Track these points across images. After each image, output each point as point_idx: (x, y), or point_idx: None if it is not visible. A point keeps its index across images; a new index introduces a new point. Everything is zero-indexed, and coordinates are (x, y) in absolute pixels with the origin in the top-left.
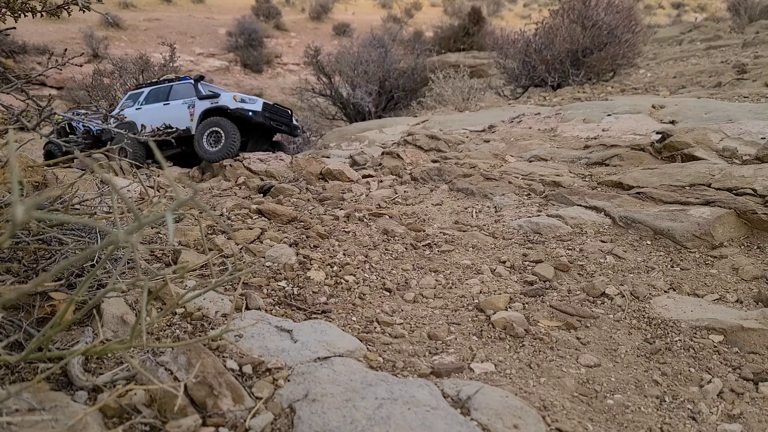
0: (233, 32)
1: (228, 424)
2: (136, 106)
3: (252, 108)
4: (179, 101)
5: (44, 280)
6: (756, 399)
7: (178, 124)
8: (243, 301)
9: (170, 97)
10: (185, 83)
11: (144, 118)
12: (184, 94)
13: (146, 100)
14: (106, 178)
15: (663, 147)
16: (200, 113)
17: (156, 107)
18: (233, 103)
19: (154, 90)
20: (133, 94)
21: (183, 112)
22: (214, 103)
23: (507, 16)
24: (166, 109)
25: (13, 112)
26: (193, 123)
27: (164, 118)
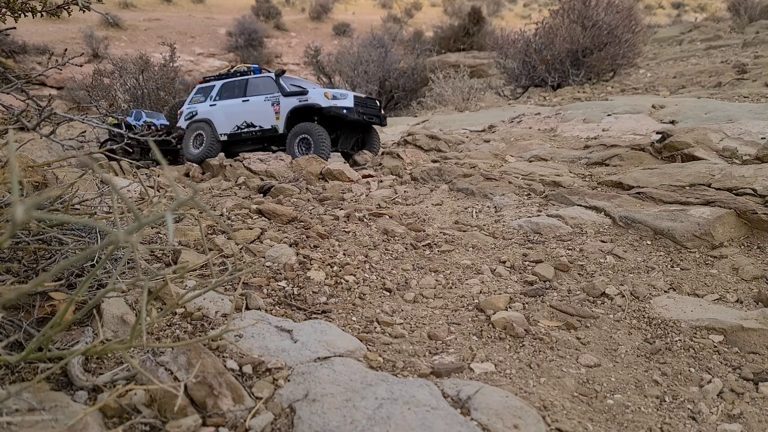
0: (233, 32)
1: (228, 424)
2: (210, 102)
3: (345, 105)
4: (260, 97)
5: (44, 280)
6: (756, 399)
7: (262, 123)
8: (243, 301)
9: (248, 92)
10: (264, 77)
11: (221, 115)
12: (265, 90)
13: (220, 95)
14: (106, 178)
15: (663, 147)
16: (289, 112)
17: (233, 103)
18: (325, 101)
19: (227, 84)
20: (203, 88)
21: (267, 110)
22: (303, 101)
23: (507, 16)
24: (247, 106)
25: (13, 112)
26: (280, 122)
27: (245, 116)
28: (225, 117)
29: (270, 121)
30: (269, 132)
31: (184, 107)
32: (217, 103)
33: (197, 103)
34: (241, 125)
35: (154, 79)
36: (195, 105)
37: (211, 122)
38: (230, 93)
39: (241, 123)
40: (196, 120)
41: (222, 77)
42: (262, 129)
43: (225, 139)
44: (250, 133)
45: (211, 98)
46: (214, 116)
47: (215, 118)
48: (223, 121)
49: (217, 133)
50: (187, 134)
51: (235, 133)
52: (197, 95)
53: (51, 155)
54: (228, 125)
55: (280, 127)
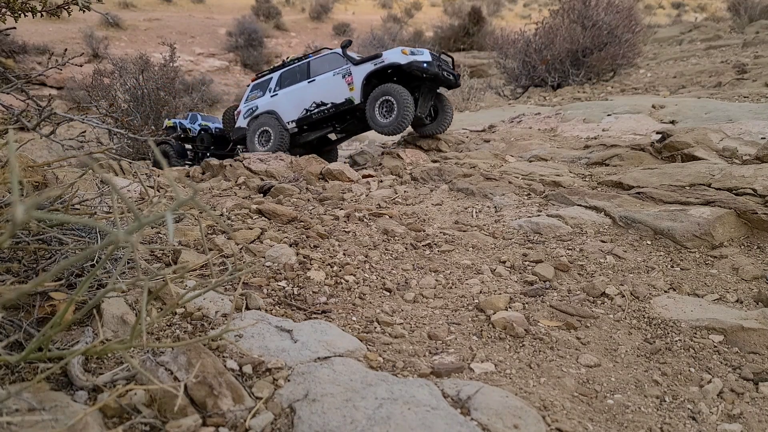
0: (233, 32)
1: (228, 424)
2: (270, 94)
3: (424, 59)
4: (328, 74)
5: (44, 280)
6: (756, 399)
7: (334, 98)
8: (243, 301)
9: (312, 74)
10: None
11: (285, 103)
12: (331, 66)
13: (280, 84)
14: (106, 178)
15: (663, 147)
16: (364, 79)
17: (298, 87)
18: (404, 58)
19: (286, 72)
20: (259, 84)
21: (338, 84)
22: (379, 63)
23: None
24: (314, 86)
25: (13, 112)
26: (355, 92)
27: (313, 96)
28: (290, 103)
29: (343, 94)
30: (344, 106)
31: (240, 106)
32: (279, 92)
33: (255, 99)
34: (309, 107)
35: (154, 79)
36: (253, 101)
37: (275, 113)
38: (292, 79)
39: (310, 105)
40: (258, 115)
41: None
42: (334, 104)
43: (293, 126)
44: (321, 113)
45: (270, 90)
46: (278, 105)
47: (280, 108)
48: (288, 108)
49: (284, 122)
50: (250, 133)
51: (305, 117)
52: (253, 92)
53: (51, 155)
54: (295, 111)
55: (356, 98)
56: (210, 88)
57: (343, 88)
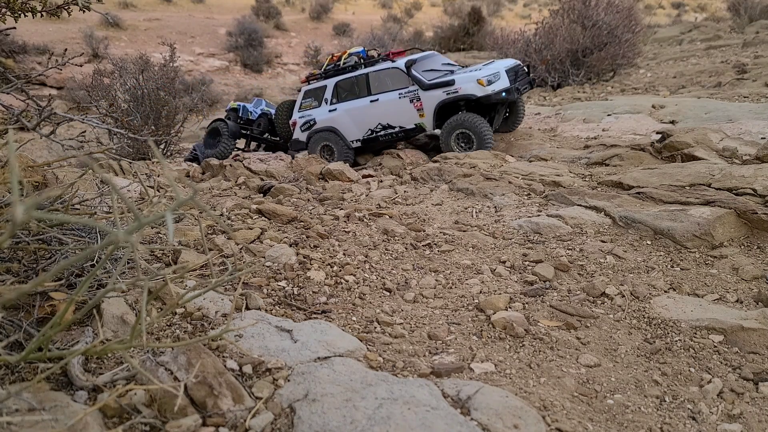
0: (233, 32)
1: (228, 424)
2: (327, 107)
3: (502, 87)
4: (393, 95)
5: (44, 280)
6: (756, 399)
7: (403, 123)
8: (243, 301)
9: (373, 89)
10: (388, 70)
11: (347, 121)
12: (394, 84)
13: (337, 95)
14: (106, 178)
15: (663, 147)
16: (435, 108)
17: (360, 106)
18: (480, 90)
19: (342, 82)
20: (312, 91)
21: (405, 108)
22: (452, 94)
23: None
24: (378, 107)
25: (13, 112)
26: (427, 119)
27: (379, 118)
28: (353, 122)
29: (412, 120)
30: (414, 132)
31: (295, 116)
32: (337, 107)
33: (310, 108)
34: (375, 128)
35: (154, 79)
36: (308, 112)
37: (336, 131)
38: (350, 92)
39: (375, 126)
40: (318, 130)
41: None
42: (404, 129)
43: (358, 145)
44: (389, 136)
45: (326, 101)
46: (339, 123)
47: (341, 125)
48: (351, 127)
49: (348, 140)
50: (312, 146)
51: (370, 138)
52: (306, 100)
53: (51, 155)
54: (359, 131)
55: (428, 125)
56: (210, 88)
57: (412, 113)
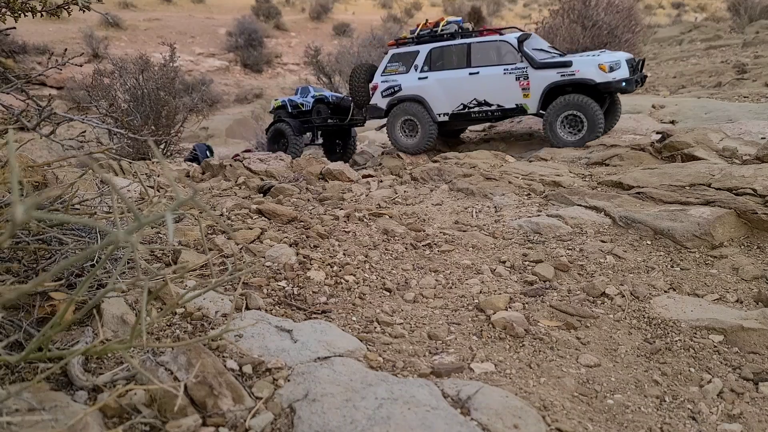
0: (233, 32)
1: (228, 424)
2: (417, 74)
3: (623, 77)
4: (497, 70)
5: (44, 280)
6: (756, 399)
7: (502, 101)
8: (243, 301)
9: (473, 62)
10: (494, 42)
11: (438, 91)
12: (500, 58)
13: (430, 64)
14: (106, 178)
15: (663, 147)
16: (545, 90)
17: (456, 77)
18: (600, 76)
19: (439, 50)
20: (400, 55)
21: (509, 86)
22: (568, 76)
23: (507, 16)
24: (477, 81)
25: (13, 112)
26: (531, 100)
27: (476, 92)
28: (444, 93)
29: (514, 99)
30: (512, 113)
31: (377, 79)
32: (428, 75)
33: (396, 73)
34: (469, 103)
35: (154, 79)
36: (394, 77)
37: (423, 100)
38: (446, 61)
39: (470, 101)
40: (402, 98)
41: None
42: (501, 108)
43: (445, 119)
44: (483, 114)
45: (416, 68)
46: (428, 93)
47: (430, 95)
48: (441, 98)
49: (434, 113)
50: (392, 120)
51: (461, 113)
52: (393, 63)
53: (51, 155)
54: (449, 103)
55: (531, 106)
56: (210, 88)
57: (516, 91)
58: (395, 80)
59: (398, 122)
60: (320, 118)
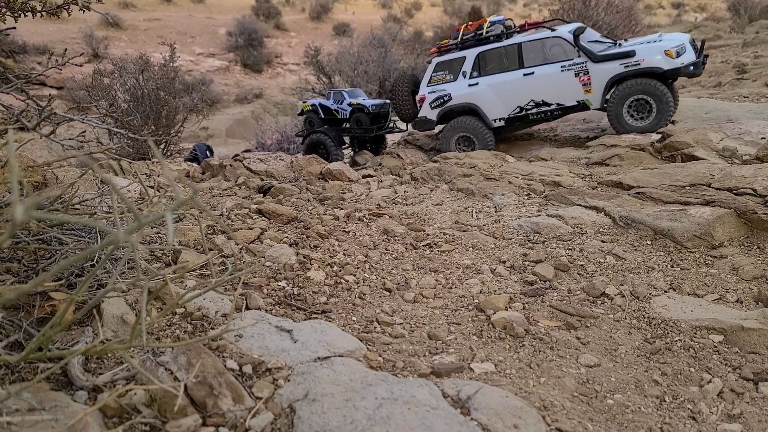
0: (233, 32)
1: (228, 424)
2: (466, 81)
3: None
4: (553, 68)
5: (44, 280)
6: (756, 399)
7: (562, 99)
8: (243, 301)
9: (526, 62)
10: (544, 39)
11: (491, 96)
12: (554, 55)
13: (480, 69)
14: (106, 178)
15: (663, 147)
16: (608, 83)
17: (510, 79)
18: (668, 63)
19: (488, 53)
20: (446, 63)
21: (568, 83)
22: (632, 66)
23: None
24: (533, 81)
25: (13, 112)
26: (594, 95)
27: (532, 93)
28: (498, 98)
29: (575, 96)
30: (573, 110)
31: (423, 90)
32: (479, 81)
33: (443, 82)
34: (526, 105)
35: (154, 79)
36: (442, 86)
37: (477, 108)
38: (496, 64)
39: (527, 103)
40: (453, 107)
41: (466, 43)
42: (562, 107)
43: (501, 125)
44: (542, 114)
45: (465, 75)
46: (481, 99)
47: (482, 101)
48: (495, 103)
49: (489, 119)
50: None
51: (517, 117)
52: (439, 72)
53: (51, 155)
54: (504, 108)
55: (594, 102)
56: (210, 88)
57: (576, 88)
58: (444, 89)
59: (453, 139)
60: (360, 128)
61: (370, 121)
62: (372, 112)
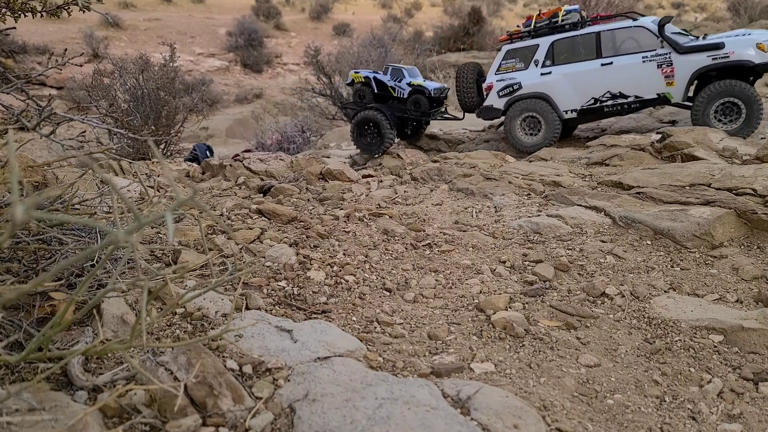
0: (233, 32)
1: (228, 424)
2: (538, 69)
3: None
4: (634, 58)
5: (44, 280)
6: (756, 399)
7: (642, 92)
8: (243, 301)
9: (604, 51)
10: (628, 28)
11: (564, 86)
12: (635, 45)
13: (553, 58)
14: (106, 178)
15: (663, 147)
16: (693, 75)
17: (586, 69)
18: (760, 57)
19: (563, 42)
20: (517, 50)
21: (650, 74)
22: (720, 59)
23: (507, 16)
24: (612, 71)
25: (13, 112)
26: (676, 89)
27: (609, 84)
28: (572, 88)
29: (656, 89)
30: (652, 103)
31: (491, 79)
32: (552, 71)
33: (513, 71)
34: (601, 97)
35: (154, 79)
36: (511, 74)
37: (548, 97)
38: (571, 54)
39: (602, 94)
40: (523, 96)
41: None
42: (640, 100)
43: (573, 116)
44: (618, 107)
45: (537, 63)
46: (553, 89)
47: (555, 92)
48: (568, 94)
49: (560, 110)
50: (510, 118)
51: (591, 109)
52: (509, 60)
53: (51, 155)
54: (578, 99)
55: (676, 95)
56: (210, 88)
57: (657, 80)
58: (513, 78)
59: (518, 120)
60: (418, 111)
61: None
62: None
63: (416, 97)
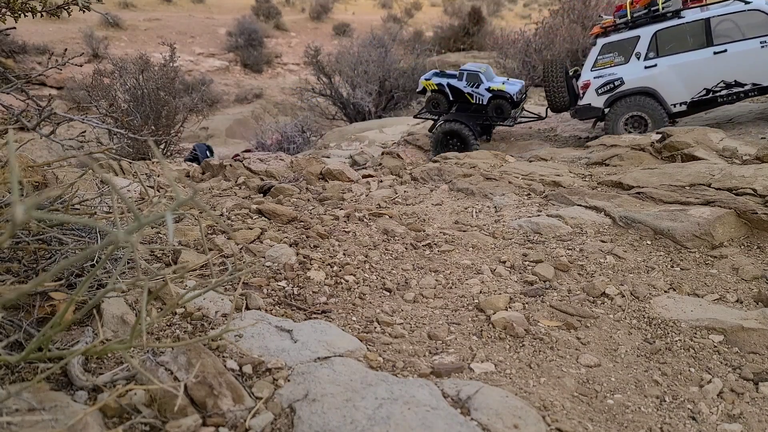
0: (233, 32)
1: (228, 424)
2: (643, 62)
3: None
4: (751, 44)
5: (44, 280)
6: (756, 399)
7: (760, 78)
8: (243, 301)
9: (716, 39)
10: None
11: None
12: (750, 30)
13: (656, 48)
14: (106, 178)
15: (663, 147)
16: None
17: (696, 59)
18: None
19: (667, 31)
20: (614, 44)
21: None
22: None
23: (507, 16)
24: (726, 59)
25: (13, 112)
26: None
27: (723, 72)
28: (680, 80)
29: None
30: None
31: (587, 76)
32: (657, 63)
33: (612, 66)
34: (715, 87)
35: (154, 79)
36: (611, 70)
37: (654, 92)
38: (677, 43)
39: (715, 84)
40: (626, 92)
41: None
42: (758, 87)
43: (682, 109)
44: (733, 96)
45: (639, 56)
46: (660, 82)
47: (662, 85)
48: (676, 86)
49: (668, 104)
50: (613, 116)
51: (703, 100)
52: (606, 55)
53: (51, 155)
54: (687, 91)
55: None
56: (210, 88)
57: None
58: (613, 73)
59: (621, 120)
60: (501, 117)
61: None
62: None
63: (498, 103)
